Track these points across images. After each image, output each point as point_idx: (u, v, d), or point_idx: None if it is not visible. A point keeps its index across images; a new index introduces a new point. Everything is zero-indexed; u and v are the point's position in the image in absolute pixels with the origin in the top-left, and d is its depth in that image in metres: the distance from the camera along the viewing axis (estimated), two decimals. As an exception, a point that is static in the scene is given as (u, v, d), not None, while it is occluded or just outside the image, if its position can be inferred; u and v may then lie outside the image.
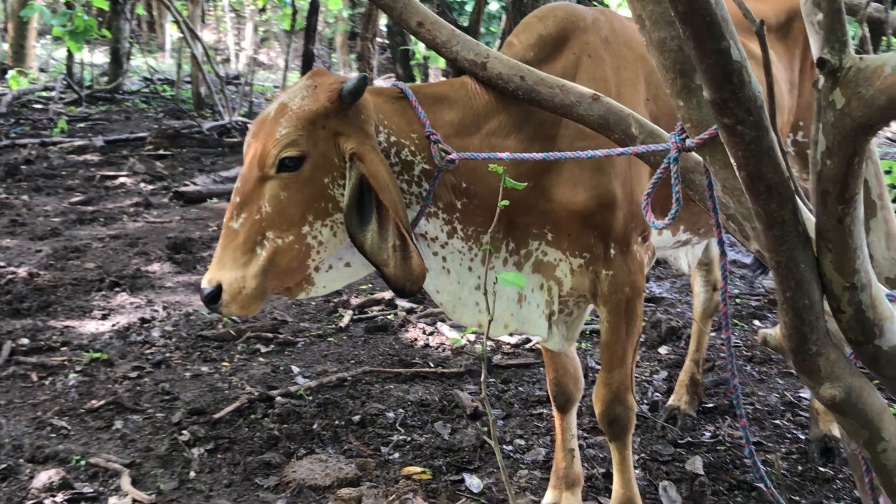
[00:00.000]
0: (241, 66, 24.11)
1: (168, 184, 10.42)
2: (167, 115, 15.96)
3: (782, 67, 3.70)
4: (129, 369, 5.00)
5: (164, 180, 10.65)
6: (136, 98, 17.76)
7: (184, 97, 17.59)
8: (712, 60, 1.70)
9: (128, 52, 18.67)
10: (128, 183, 10.37)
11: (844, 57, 1.67)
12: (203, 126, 13.71)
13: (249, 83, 16.52)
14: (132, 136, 12.97)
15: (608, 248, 2.96)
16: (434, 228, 2.85)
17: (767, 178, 1.81)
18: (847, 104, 1.67)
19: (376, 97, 2.76)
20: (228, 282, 2.58)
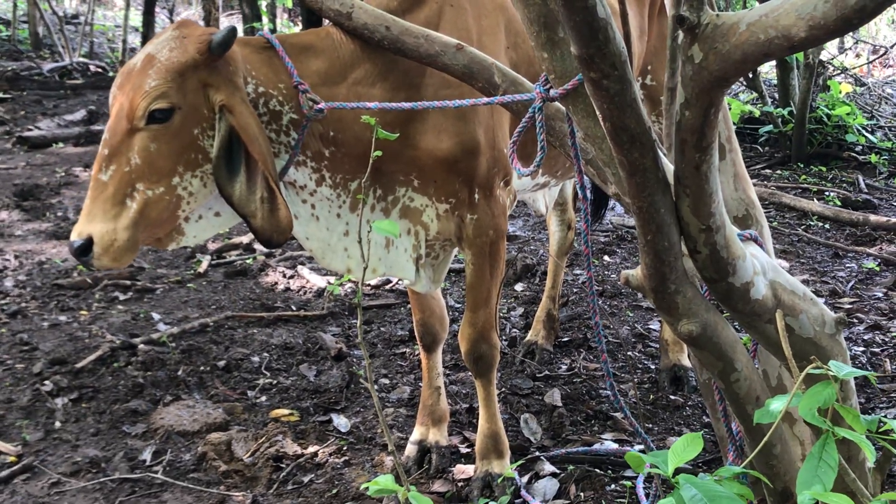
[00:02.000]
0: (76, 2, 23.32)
1: (10, 128, 10.09)
2: (4, 56, 15.35)
3: (632, 14, 3.83)
4: (-16, 321, 4.90)
5: (5, 125, 10.30)
6: (-30, 37, 17.05)
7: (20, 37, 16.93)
8: (579, 18, 1.78)
9: (-41, -11, 17.85)
10: (-34, 127, 10.03)
11: (703, 14, 1.77)
12: (43, 68, 13.27)
13: (90, 23, 16.02)
14: (-33, 79, 12.47)
15: (472, 194, 3.04)
16: (303, 177, 2.89)
17: (630, 128, 1.91)
18: (705, 58, 1.78)
19: (244, 48, 2.77)
20: (100, 234, 2.56)
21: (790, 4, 1.65)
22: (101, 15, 21.47)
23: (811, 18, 1.61)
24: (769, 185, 7.60)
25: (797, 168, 8.08)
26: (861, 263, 5.82)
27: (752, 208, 2.69)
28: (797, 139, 8.09)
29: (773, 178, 7.88)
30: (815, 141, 8.24)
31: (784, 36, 1.65)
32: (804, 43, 1.65)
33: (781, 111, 8.44)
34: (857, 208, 6.94)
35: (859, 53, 15.07)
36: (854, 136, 8.24)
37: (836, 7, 1.57)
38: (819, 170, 7.99)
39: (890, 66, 14.67)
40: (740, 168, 2.72)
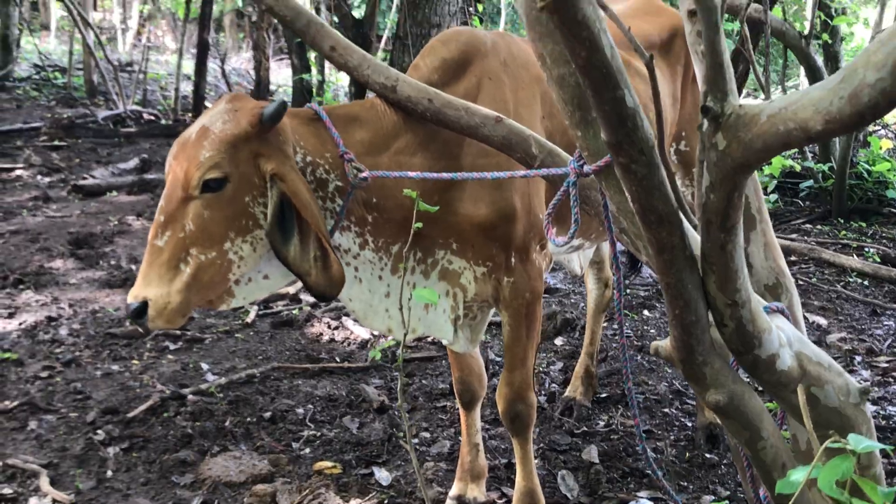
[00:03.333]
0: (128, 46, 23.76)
1: (65, 176, 10.34)
2: (59, 103, 15.73)
3: (666, 82, 3.94)
4: (40, 369, 5.05)
5: (61, 172, 10.56)
6: (27, 85, 17.45)
7: (76, 84, 17.33)
8: (609, 107, 1.89)
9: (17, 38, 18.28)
10: (24, 176, 10.27)
11: (726, 105, 1.88)
12: (98, 115, 13.58)
13: (143, 70, 16.38)
14: (26, 127, 12.77)
15: (509, 258, 3.15)
16: (347, 241, 3.02)
17: (658, 209, 2.02)
18: (728, 146, 1.88)
19: (293, 119, 2.91)
20: (154, 298, 2.70)
21: (808, 99, 1.75)
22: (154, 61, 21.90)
23: (827, 113, 1.71)
24: (809, 240, 7.64)
25: (837, 223, 8.12)
26: (899, 321, 5.86)
27: (782, 277, 2.77)
28: (837, 194, 8.13)
29: (813, 233, 7.92)
30: (855, 196, 8.27)
31: (802, 128, 1.75)
32: (820, 135, 1.75)
33: (822, 166, 8.49)
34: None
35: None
36: (894, 192, 8.26)
37: (850, 104, 1.67)
38: (859, 225, 8.02)
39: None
40: (770, 238, 2.81)
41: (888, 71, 1.63)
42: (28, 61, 19.90)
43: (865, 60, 1.67)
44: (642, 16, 4.10)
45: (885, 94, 1.64)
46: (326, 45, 2.98)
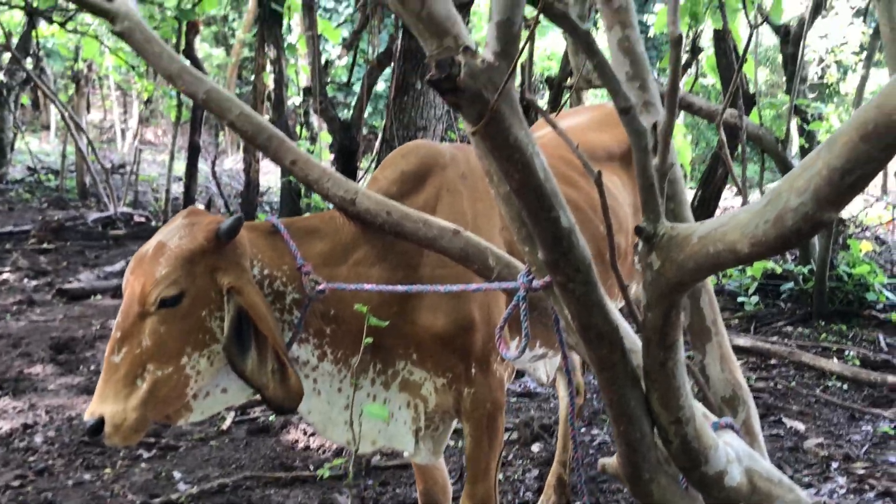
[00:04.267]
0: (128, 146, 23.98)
1: (52, 279, 10.35)
2: (51, 205, 15.82)
3: (627, 193, 3.99)
4: (12, 478, 4.99)
5: (47, 275, 10.57)
6: (20, 188, 17.58)
7: (68, 187, 17.46)
8: (544, 227, 1.92)
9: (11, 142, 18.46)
10: (11, 279, 10.27)
11: (659, 226, 1.91)
12: (87, 218, 13.65)
13: (135, 172, 16.50)
14: (16, 230, 12.82)
15: (469, 368, 3.16)
16: (305, 353, 3.03)
17: (597, 326, 2.03)
18: (662, 266, 1.91)
19: (250, 232, 2.94)
20: (110, 415, 2.70)
21: (736, 222, 1.78)
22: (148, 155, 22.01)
23: (753, 236, 1.74)
24: (790, 342, 7.64)
25: (818, 326, 8.13)
26: (877, 427, 5.82)
27: (738, 389, 2.77)
28: (818, 297, 8.16)
29: (794, 336, 7.93)
30: (836, 299, 8.30)
31: (730, 250, 1.78)
32: (748, 258, 1.78)
33: (802, 269, 8.54)
34: (876, 368, 6.95)
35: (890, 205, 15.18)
36: (875, 294, 8.29)
37: (775, 227, 1.70)
38: (840, 328, 8.03)
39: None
40: (726, 350, 2.82)
41: (810, 195, 1.66)
42: (22, 163, 20.07)
43: (789, 185, 1.71)
44: (603, 127, 4.17)
45: (808, 218, 1.67)
46: (287, 160, 3.03)
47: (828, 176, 1.63)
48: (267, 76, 12.98)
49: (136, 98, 24.79)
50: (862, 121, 1.59)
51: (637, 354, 2.18)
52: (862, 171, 1.61)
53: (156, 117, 28.77)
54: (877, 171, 1.64)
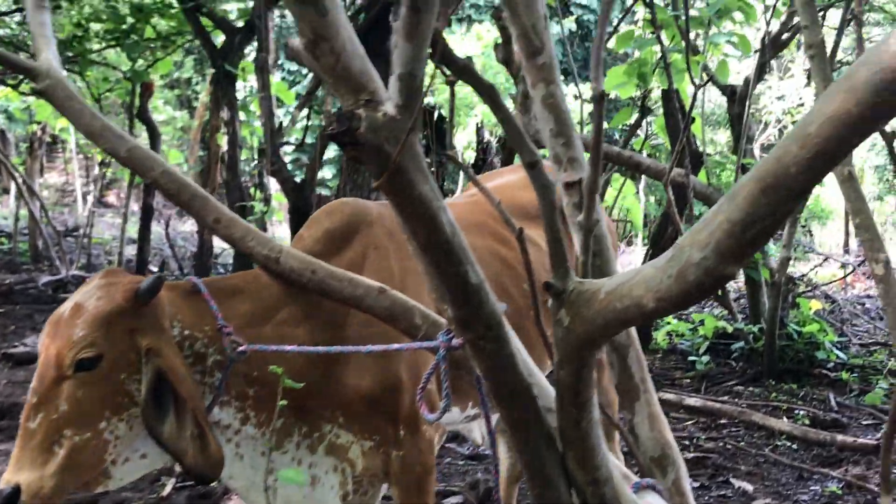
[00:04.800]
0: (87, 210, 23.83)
1: (-1, 344, 10.19)
2: (3, 268, 15.62)
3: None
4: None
5: (-7, 340, 10.42)
6: (-27, 251, 17.41)
7: (21, 250, 17.28)
8: (451, 283, 1.88)
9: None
10: (-45, 343, 10.12)
11: (568, 282, 1.88)
12: (39, 281, 13.49)
13: (88, 235, 16.36)
14: (-34, 296, 12.65)
15: (397, 430, 3.10)
16: (227, 416, 2.95)
17: (509, 385, 2.00)
18: (571, 322, 1.87)
19: (171, 292, 2.88)
20: (27, 483, 2.61)
21: (641, 277, 1.75)
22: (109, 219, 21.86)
23: (657, 291, 1.71)
24: (741, 402, 7.63)
25: (769, 385, 8.13)
26: (825, 486, 5.79)
27: (668, 448, 2.73)
28: (768, 356, 8.17)
29: (744, 395, 7.92)
30: (786, 358, 8.31)
31: (636, 306, 1.75)
32: (654, 313, 1.74)
33: (752, 328, 8.55)
34: (825, 427, 6.95)
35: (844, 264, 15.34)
36: (825, 353, 8.32)
37: (677, 282, 1.67)
38: (791, 387, 8.04)
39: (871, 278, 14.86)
40: (655, 408, 2.78)
41: (711, 249, 1.64)
42: (-24, 227, 19.90)
43: (692, 239, 1.69)
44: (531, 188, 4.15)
45: (709, 272, 1.64)
46: (210, 218, 2.99)
47: (729, 229, 1.61)
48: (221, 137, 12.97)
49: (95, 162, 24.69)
50: (762, 174, 1.58)
51: (554, 414, 2.14)
52: (763, 225, 1.59)
53: (118, 180, 28.60)
54: (778, 225, 1.62)
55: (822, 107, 1.50)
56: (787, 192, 1.56)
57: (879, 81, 1.41)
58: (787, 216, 1.63)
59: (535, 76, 2.64)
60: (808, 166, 1.52)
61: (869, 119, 1.46)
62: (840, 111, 1.46)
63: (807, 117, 1.53)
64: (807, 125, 1.51)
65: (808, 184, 1.55)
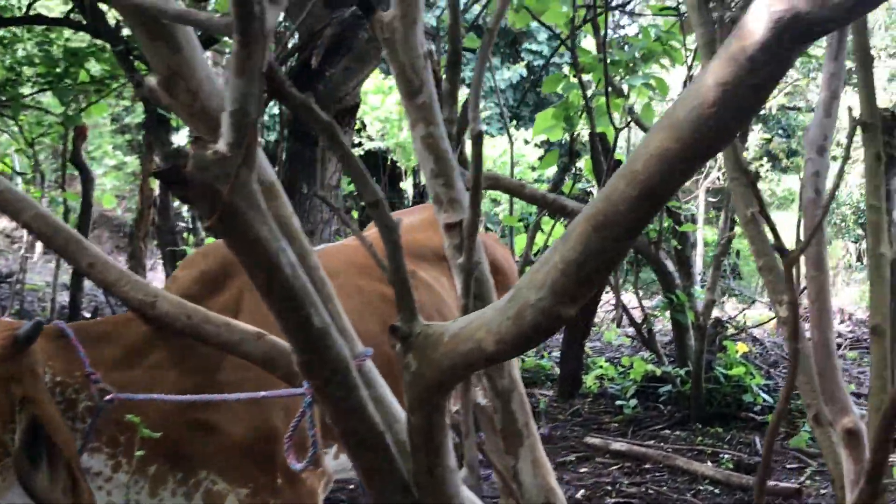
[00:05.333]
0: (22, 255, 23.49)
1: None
2: (-64, 315, 15.34)
3: (455, 295, 3.92)
4: None
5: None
6: None
7: (-48, 297, 17.00)
8: (294, 327, 1.82)
9: None
10: None
11: (414, 325, 1.82)
12: (-33, 327, 13.22)
13: (21, 282, 16.10)
14: None
15: (275, 479, 3.02)
16: (98, 463, 2.86)
17: (359, 432, 1.93)
18: (419, 367, 1.81)
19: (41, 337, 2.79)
20: None
21: (483, 319, 1.71)
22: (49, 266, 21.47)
23: (497, 333, 1.66)
24: (666, 446, 7.60)
25: (696, 429, 8.11)
26: (744, 530, 5.77)
27: (552, 495, 2.67)
28: (695, 400, 8.15)
29: (671, 439, 7.88)
30: (714, 401, 8.30)
31: (479, 349, 1.70)
32: (496, 356, 1.70)
33: (679, 371, 8.54)
34: (749, 472, 6.92)
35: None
36: (752, 396, 8.31)
37: (515, 324, 1.63)
38: (717, 431, 8.02)
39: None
40: (539, 454, 2.72)
41: (547, 290, 1.60)
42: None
43: (529, 280, 1.65)
44: (435, 227, 4.11)
45: (546, 313, 1.60)
46: (84, 262, 2.90)
47: (563, 269, 1.57)
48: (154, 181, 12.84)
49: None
50: (594, 212, 1.54)
51: (415, 461, 2.08)
52: (596, 264, 1.55)
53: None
54: (614, 263, 1.58)
55: (648, 143, 1.46)
56: (617, 230, 1.52)
57: (697, 118, 1.38)
58: (622, 255, 1.59)
59: (414, 116, 2.59)
60: (635, 204, 1.48)
61: (691, 156, 1.42)
62: (662, 148, 1.43)
63: (634, 153, 1.49)
64: (634, 162, 1.48)
65: (638, 222, 1.52)
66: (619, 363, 10.02)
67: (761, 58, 1.30)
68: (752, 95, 1.34)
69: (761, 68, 1.31)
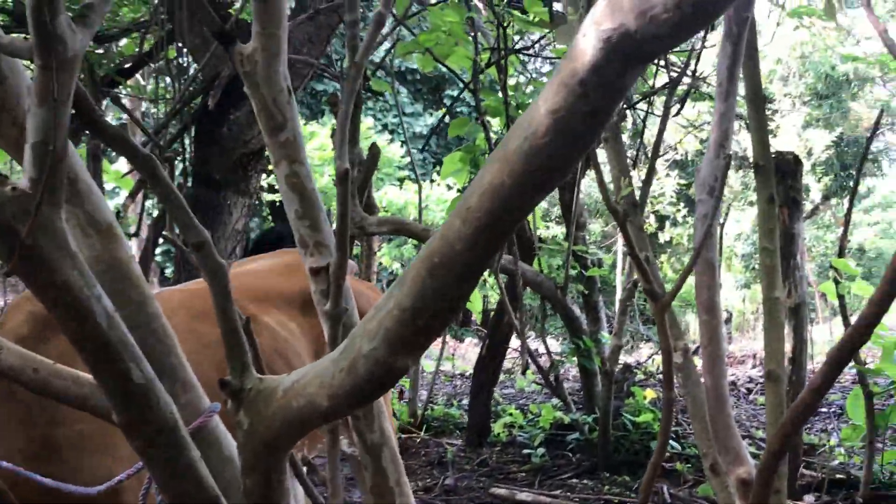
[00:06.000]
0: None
1: None
2: None
3: (307, 341, 3.75)
4: None
5: None
6: None
7: None
8: (111, 383, 1.66)
9: None
10: None
11: (246, 378, 1.66)
12: None
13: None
14: None
15: None
16: None
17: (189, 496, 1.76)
18: (252, 425, 1.65)
19: None
20: None
21: (315, 372, 1.56)
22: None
23: (330, 387, 1.51)
24: (573, 495, 7.46)
25: (604, 478, 7.98)
26: (648, 581, 5.62)
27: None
28: (602, 447, 8.03)
29: (577, 489, 7.74)
30: (622, 449, 8.19)
31: (311, 404, 1.55)
32: (329, 413, 1.55)
33: (587, 418, 8.43)
34: (656, 520, 6.83)
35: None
36: (659, 443, 8.21)
37: (349, 376, 1.48)
38: (624, 479, 7.90)
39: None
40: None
41: (381, 339, 1.45)
42: None
43: (363, 328, 1.50)
44: (285, 274, 3.95)
45: (380, 364, 1.45)
46: (-77, 311, 2.69)
47: (399, 316, 1.43)
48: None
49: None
50: (429, 253, 1.40)
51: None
52: (434, 310, 1.41)
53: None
54: (453, 310, 1.44)
55: (482, 177, 1.33)
56: (454, 272, 1.38)
57: (529, 149, 1.25)
58: (462, 300, 1.45)
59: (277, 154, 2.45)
60: (471, 242, 1.35)
61: (525, 190, 1.29)
62: (495, 183, 1.29)
63: (470, 188, 1.36)
64: (469, 198, 1.34)
65: (476, 261, 1.38)
66: (529, 410, 9.89)
67: (593, 81, 1.17)
68: (587, 123, 1.21)
69: (593, 92, 1.18)
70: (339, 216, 2.06)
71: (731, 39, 3.29)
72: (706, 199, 3.31)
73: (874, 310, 1.65)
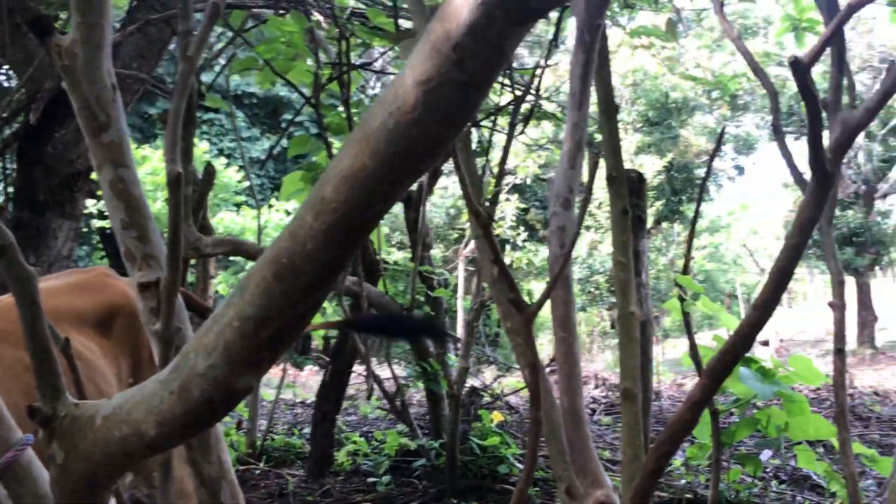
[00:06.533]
0: None
1: None
2: None
3: (107, 362, 3.48)
4: None
5: None
6: None
7: None
8: None
9: None
10: None
11: (59, 405, 1.42)
12: None
13: None
14: None
15: None
16: None
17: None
18: (66, 458, 1.41)
19: None
20: None
21: (142, 395, 1.33)
22: None
23: (159, 413, 1.29)
24: (420, 524, 7.30)
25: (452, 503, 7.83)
26: None
27: None
28: (449, 473, 7.87)
29: (424, 516, 7.59)
30: (469, 473, 8.04)
31: (136, 433, 1.32)
32: (157, 442, 1.32)
33: (433, 443, 8.27)
34: (505, 546, 6.70)
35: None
36: (507, 467, 8.11)
37: (181, 399, 1.26)
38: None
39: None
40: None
41: (220, 355, 1.24)
42: None
43: (197, 342, 1.28)
44: (78, 291, 3.63)
45: (219, 384, 1.24)
46: None
47: (240, 328, 1.22)
48: None
49: None
50: (276, 254, 1.19)
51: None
52: (282, 321, 1.21)
53: None
54: (304, 319, 1.24)
55: (338, 162, 1.13)
56: (305, 276, 1.18)
57: (395, 126, 1.06)
58: (314, 308, 1.25)
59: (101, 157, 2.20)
60: (325, 239, 1.15)
61: (391, 175, 1.10)
62: (356, 166, 1.10)
63: (324, 176, 1.16)
64: (323, 187, 1.14)
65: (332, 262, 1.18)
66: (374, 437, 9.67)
67: (469, 45, 0.99)
68: (462, 95, 1.03)
69: (469, 59, 1.00)
70: (171, 226, 1.84)
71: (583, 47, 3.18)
72: (560, 211, 3.18)
73: (757, 314, 1.53)
